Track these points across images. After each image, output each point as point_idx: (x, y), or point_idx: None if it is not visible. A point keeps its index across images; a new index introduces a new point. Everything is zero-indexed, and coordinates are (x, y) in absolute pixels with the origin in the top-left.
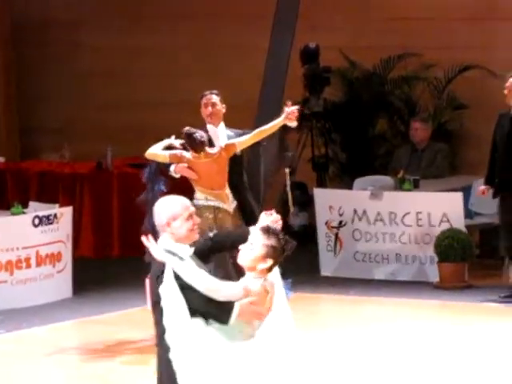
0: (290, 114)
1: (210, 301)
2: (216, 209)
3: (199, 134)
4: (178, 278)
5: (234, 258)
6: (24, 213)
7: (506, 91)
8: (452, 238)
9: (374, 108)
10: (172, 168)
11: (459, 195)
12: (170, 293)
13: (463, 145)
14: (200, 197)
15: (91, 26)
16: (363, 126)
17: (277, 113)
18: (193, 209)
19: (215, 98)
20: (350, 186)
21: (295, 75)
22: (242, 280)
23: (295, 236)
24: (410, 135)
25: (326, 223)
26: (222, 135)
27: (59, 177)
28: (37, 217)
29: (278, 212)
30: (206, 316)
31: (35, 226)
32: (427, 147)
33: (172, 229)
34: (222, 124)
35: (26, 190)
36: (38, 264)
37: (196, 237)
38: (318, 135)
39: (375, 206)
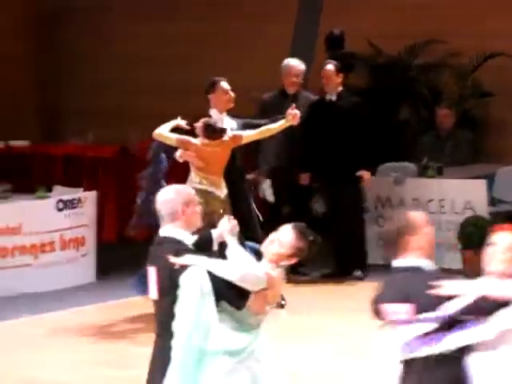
0: (292, 117)
1: (230, 286)
2: (208, 193)
3: (218, 124)
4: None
5: None
6: (48, 197)
7: (323, 80)
8: (475, 225)
9: (398, 95)
10: (178, 153)
11: (483, 182)
12: (196, 281)
13: (487, 132)
14: (194, 179)
15: (118, 12)
16: (387, 112)
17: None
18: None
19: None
20: (373, 173)
21: (320, 61)
22: (261, 266)
23: (318, 223)
24: (436, 122)
25: None
26: (227, 123)
27: (83, 161)
28: (61, 201)
29: None
30: (223, 299)
31: (59, 209)
32: (451, 134)
33: (186, 215)
34: (225, 114)
35: (50, 173)
36: (62, 248)
37: (200, 223)
38: None
39: (398, 193)
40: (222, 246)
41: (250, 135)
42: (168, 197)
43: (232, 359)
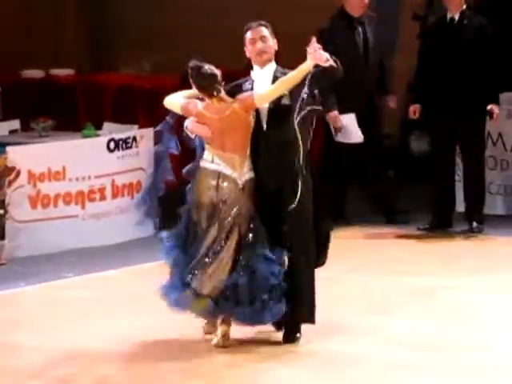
0: (313, 54)
1: None
2: (221, 175)
3: (208, 67)
4: None
5: None
6: (97, 135)
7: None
8: None
9: None
10: (185, 124)
11: None
12: None
13: None
14: (207, 157)
15: None
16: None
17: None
18: None
19: (265, 31)
20: None
21: None
22: None
23: (415, 164)
24: None
25: None
26: (267, 79)
27: (138, 93)
28: (112, 140)
29: None
30: None
31: (110, 150)
32: None
33: None
34: (273, 64)
35: (99, 108)
36: (114, 195)
37: None
38: None
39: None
40: None
41: (264, 94)
42: None
43: None
